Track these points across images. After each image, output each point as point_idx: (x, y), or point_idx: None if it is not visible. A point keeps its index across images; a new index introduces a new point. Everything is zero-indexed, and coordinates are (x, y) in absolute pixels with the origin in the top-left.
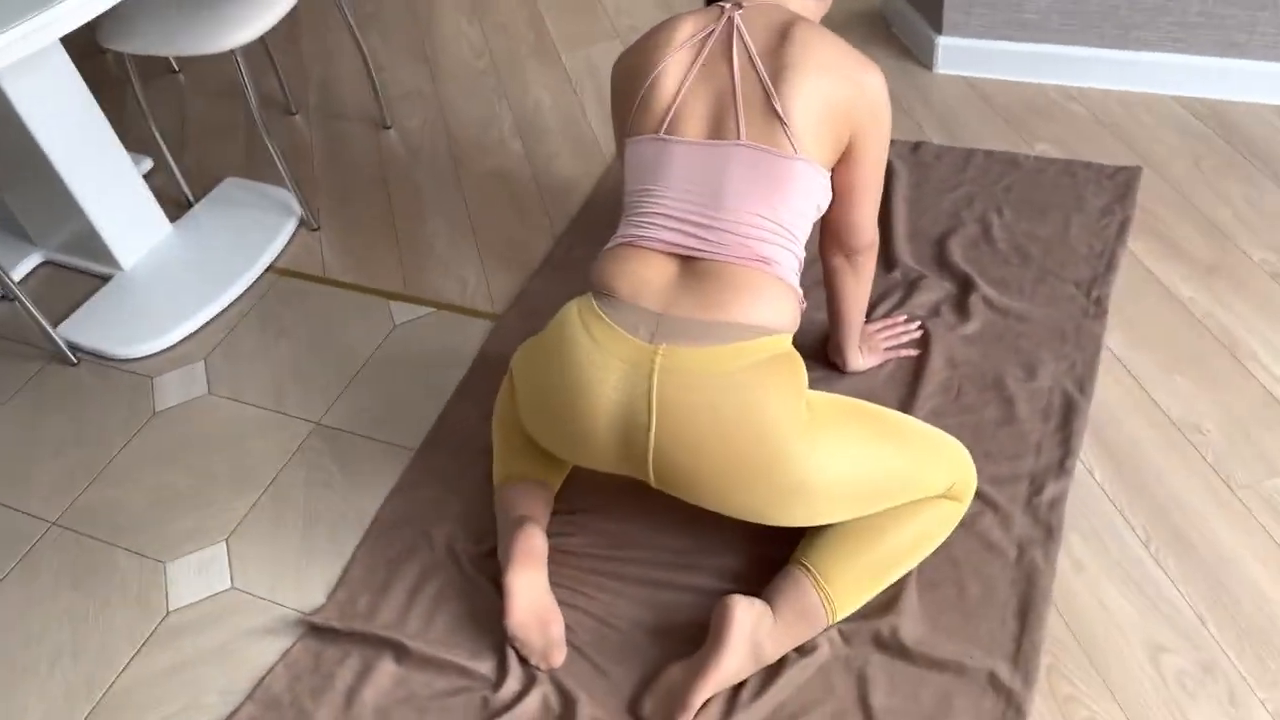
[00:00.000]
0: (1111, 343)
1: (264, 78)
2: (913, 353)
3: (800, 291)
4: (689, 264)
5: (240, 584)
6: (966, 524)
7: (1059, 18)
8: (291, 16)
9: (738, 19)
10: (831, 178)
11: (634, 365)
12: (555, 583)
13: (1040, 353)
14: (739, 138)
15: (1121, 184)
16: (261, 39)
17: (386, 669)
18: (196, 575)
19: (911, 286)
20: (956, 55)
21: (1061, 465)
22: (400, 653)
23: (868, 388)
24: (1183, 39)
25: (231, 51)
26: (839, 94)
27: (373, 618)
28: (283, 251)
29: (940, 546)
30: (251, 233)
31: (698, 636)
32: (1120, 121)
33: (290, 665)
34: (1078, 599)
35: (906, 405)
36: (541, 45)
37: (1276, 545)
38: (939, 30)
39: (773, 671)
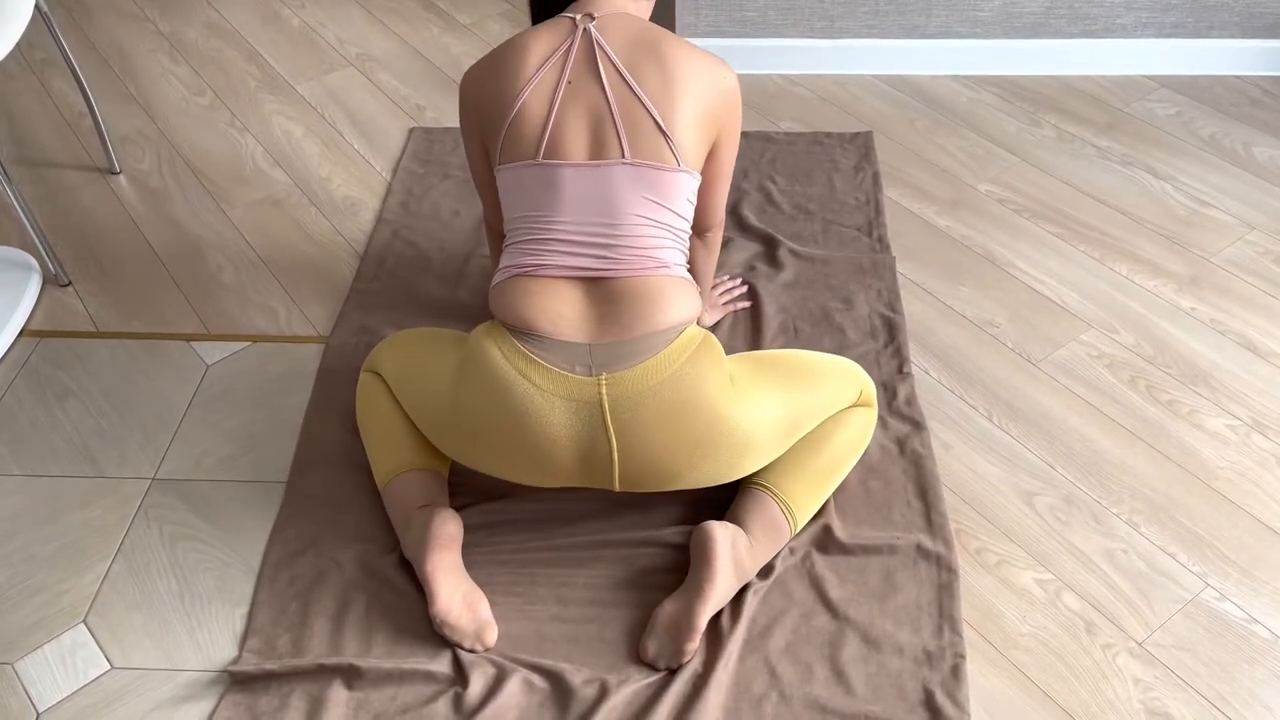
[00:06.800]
0: (902, 270)
1: None
2: (745, 304)
3: (692, 279)
4: (595, 285)
5: (121, 662)
6: None
7: (775, 14)
8: None
9: (594, 33)
10: None
11: (581, 401)
12: (496, 567)
13: (850, 286)
14: (624, 157)
15: (861, 146)
16: None
17: (339, 697)
18: (60, 667)
19: (724, 249)
20: None
21: (901, 371)
22: (350, 676)
23: (721, 340)
24: (876, 25)
25: None
26: (709, 102)
27: (302, 652)
28: (32, 313)
29: None
30: None
31: (656, 582)
32: (839, 98)
33: None
34: (956, 472)
35: (757, 348)
36: (270, 79)
37: (1079, 398)
38: (673, 32)
39: (738, 595)
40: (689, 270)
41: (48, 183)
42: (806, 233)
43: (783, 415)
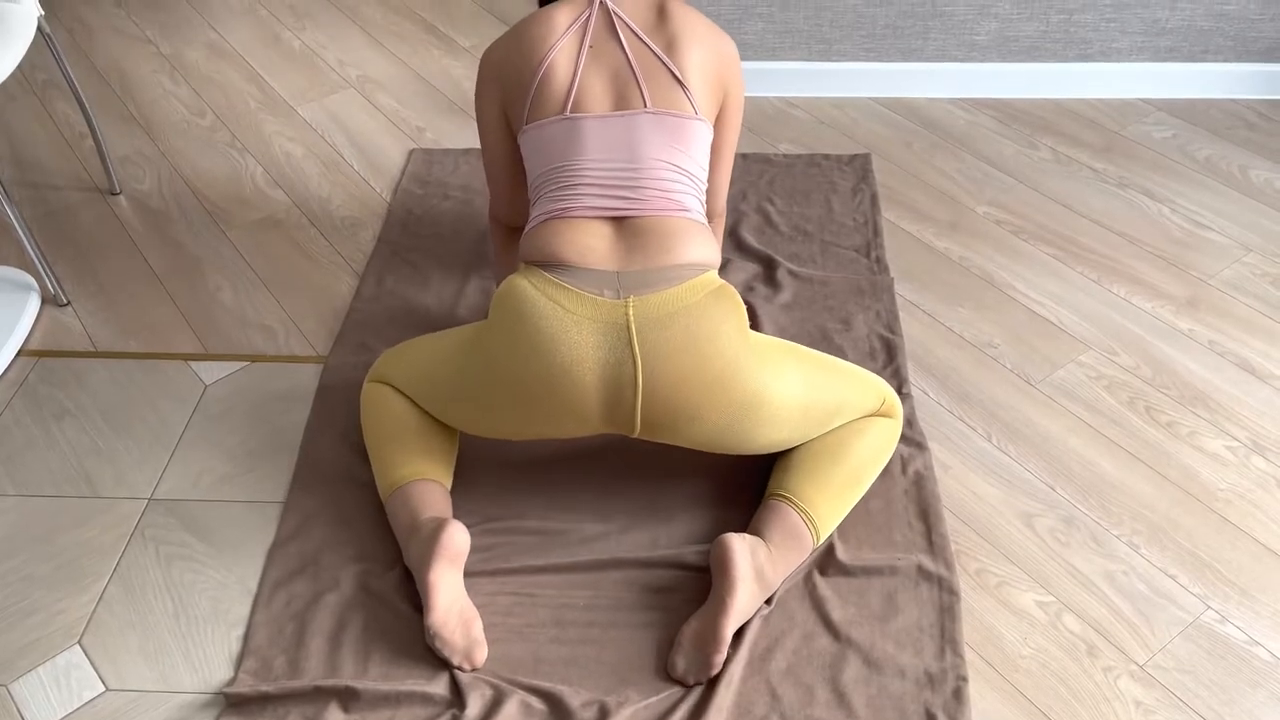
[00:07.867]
0: (900, 291)
1: None
2: None
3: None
4: (621, 224)
5: (116, 684)
6: None
7: (773, 37)
8: None
9: (609, 3)
10: None
11: (609, 323)
12: (496, 588)
13: (848, 307)
14: (645, 106)
15: (859, 168)
16: None
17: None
18: (55, 688)
19: (723, 270)
20: None
21: (900, 392)
22: (346, 698)
23: None
24: (873, 49)
25: None
26: (715, 60)
27: (298, 674)
28: (31, 332)
29: None
30: None
31: (658, 603)
32: (837, 120)
33: None
34: (955, 493)
35: None
36: (270, 100)
37: (1078, 420)
38: None
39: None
40: None
41: (48, 202)
42: (805, 254)
43: (800, 393)
